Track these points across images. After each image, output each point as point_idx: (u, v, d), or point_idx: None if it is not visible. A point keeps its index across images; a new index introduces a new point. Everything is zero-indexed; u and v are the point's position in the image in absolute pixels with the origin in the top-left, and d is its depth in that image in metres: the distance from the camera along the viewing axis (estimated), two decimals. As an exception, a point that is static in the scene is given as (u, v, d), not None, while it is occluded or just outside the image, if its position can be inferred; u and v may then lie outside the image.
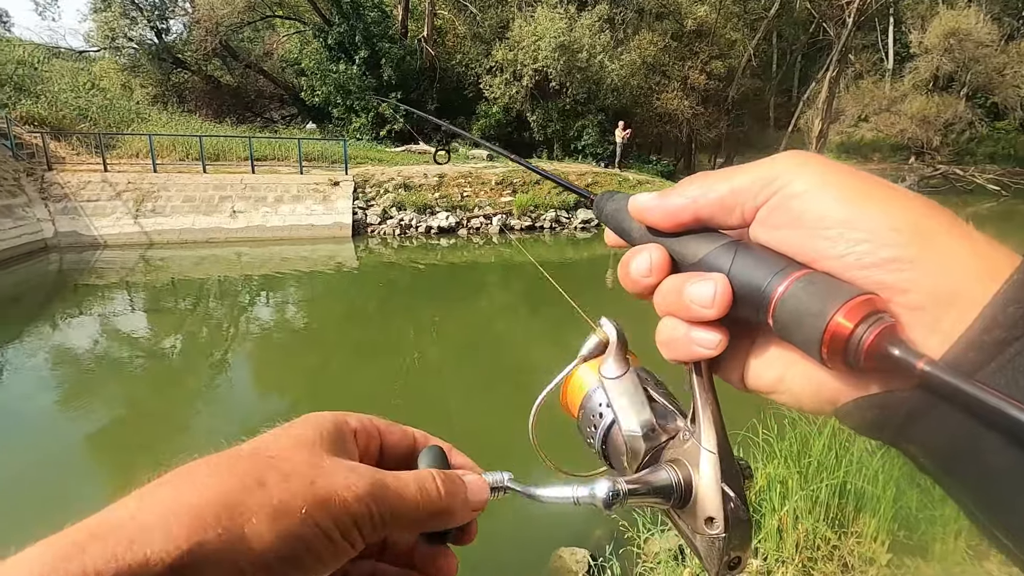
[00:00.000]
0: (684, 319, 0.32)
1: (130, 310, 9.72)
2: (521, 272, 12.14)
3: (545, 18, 19.80)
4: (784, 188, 0.29)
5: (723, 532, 0.33)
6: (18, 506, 4.22)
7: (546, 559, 3.47)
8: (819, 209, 0.28)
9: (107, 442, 5.38)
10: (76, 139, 15.22)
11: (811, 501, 2.68)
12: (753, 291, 0.29)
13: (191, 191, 13.60)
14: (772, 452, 2.95)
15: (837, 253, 0.27)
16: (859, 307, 0.25)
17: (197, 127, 18.31)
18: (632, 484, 0.35)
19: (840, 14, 21.95)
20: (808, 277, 0.28)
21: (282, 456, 0.30)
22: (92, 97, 17.96)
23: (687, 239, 0.33)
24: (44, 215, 12.34)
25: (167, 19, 22.34)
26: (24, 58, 18.32)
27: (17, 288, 10.24)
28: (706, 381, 0.34)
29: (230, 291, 10.71)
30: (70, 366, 7.13)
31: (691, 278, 0.31)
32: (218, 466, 0.29)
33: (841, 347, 0.26)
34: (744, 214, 0.31)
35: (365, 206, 14.77)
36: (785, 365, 0.31)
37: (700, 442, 0.34)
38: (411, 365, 7.57)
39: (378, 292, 11.14)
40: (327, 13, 20.78)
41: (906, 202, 0.27)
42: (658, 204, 0.34)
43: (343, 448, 0.34)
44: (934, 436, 0.25)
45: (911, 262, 0.26)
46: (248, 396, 6.69)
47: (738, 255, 0.30)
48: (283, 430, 0.33)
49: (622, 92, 22.07)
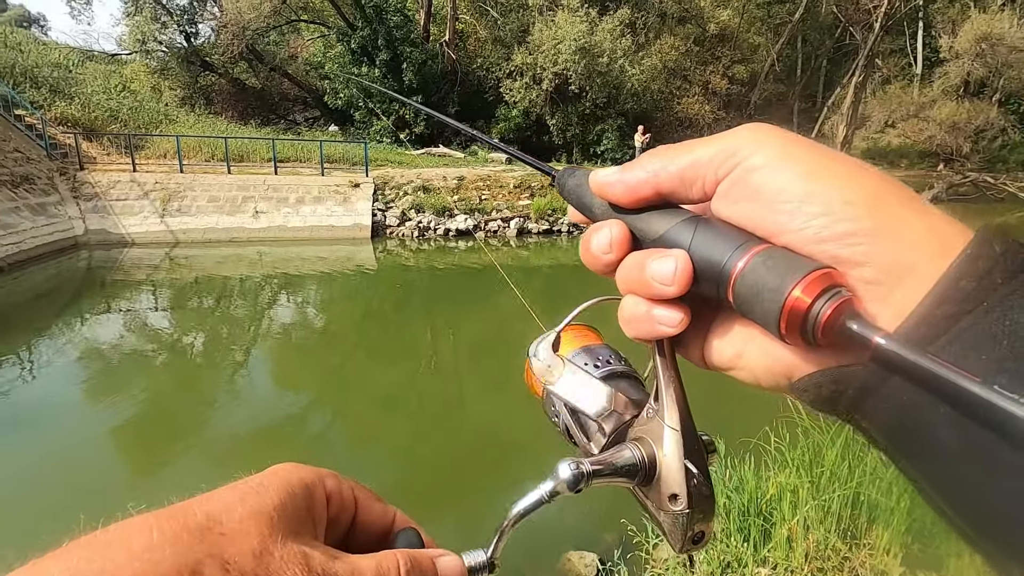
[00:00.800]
0: (645, 297, 0.32)
1: (155, 307, 9.97)
2: (538, 275, 12.16)
3: (565, 22, 19.83)
4: (744, 161, 0.29)
5: (687, 508, 0.33)
6: (44, 495, 4.37)
7: (555, 562, 3.48)
8: (777, 183, 0.28)
9: (130, 435, 5.53)
10: (107, 140, 15.66)
11: (822, 511, 2.65)
12: (713, 267, 0.29)
13: (216, 191, 13.90)
14: (784, 461, 2.92)
15: (795, 227, 0.27)
16: (817, 281, 0.25)
17: (223, 129, 18.72)
18: (596, 465, 0.34)
19: (867, 18, 21.60)
20: (767, 252, 0.27)
21: (231, 536, 0.27)
22: (123, 99, 18.48)
23: (648, 215, 0.33)
24: (75, 213, 12.72)
25: (196, 23, 22.91)
26: (59, 61, 18.95)
27: (49, 283, 10.57)
28: (669, 359, 0.35)
29: (251, 290, 10.92)
30: (97, 360, 7.34)
31: (652, 255, 0.31)
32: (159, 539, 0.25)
33: (799, 322, 0.25)
34: (705, 188, 0.31)
35: (384, 208, 14.93)
36: (744, 341, 0.31)
37: (663, 419, 0.34)
38: (427, 366, 7.63)
39: (395, 293, 11.25)
40: (351, 17, 21.10)
41: (863, 176, 0.27)
42: (619, 179, 0.33)
43: (308, 520, 0.31)
44: (886, 411, 0.25)
45: (866, 235, 0.25)
46: (267, 394, 6.81)
47: (698, 230, 0.30)
48: (245, 494, 0.29)
49: (642, 96, 22.00)
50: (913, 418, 0.24)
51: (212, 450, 5.35)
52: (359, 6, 20.18)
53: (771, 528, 2.66)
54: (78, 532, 0.25)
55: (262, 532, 0.28)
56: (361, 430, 5.97)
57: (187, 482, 4.01)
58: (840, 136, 21.46)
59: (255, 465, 1.40)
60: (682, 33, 24.24)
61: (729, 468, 2.98)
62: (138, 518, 0.26)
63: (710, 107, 24.04)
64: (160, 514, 0.27)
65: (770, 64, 25.59)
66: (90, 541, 0.25)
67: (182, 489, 1.33)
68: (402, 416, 6.08)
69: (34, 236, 11.32)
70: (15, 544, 0.44)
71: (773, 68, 26.00)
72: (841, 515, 2.67)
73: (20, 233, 11.01)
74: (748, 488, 2.78)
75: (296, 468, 0.33)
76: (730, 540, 2.68)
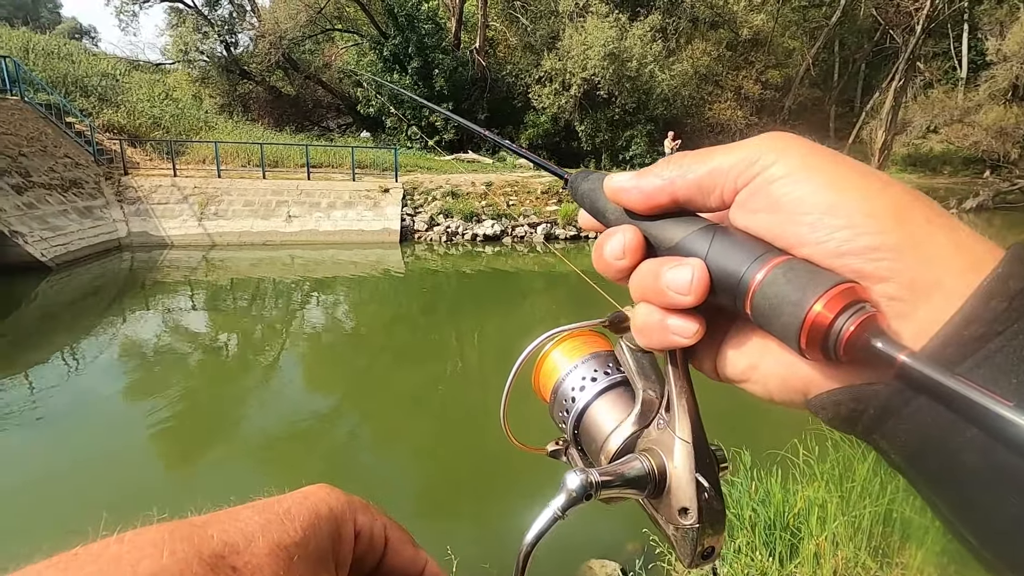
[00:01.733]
0: (660, 305, 0.31)
1: (192, 308, 10.29)
2: (564, 281, 12.12)
3: (595, 28, 19.81)
4: (764, 171, 0.28)
5: (697, 523, 0.32)
6: (85, 488, 4.55)
7: (576, 570, 3.46)
8: (799, 194, 0.27)
9: (165, 430, 5.72)
10: (150, 145, 16.27)
11: (852, 527, 2.57)
12: (730, 277, 0.28)
13: (251, 196, 14.30)
14: (812, 474, 2.85)
15: (816, 239, 0.26)
16: (840, 296, 0.24)
17: (259, 135, 19.26)
18: (605, 476, 0.34)
19: (908, 21, 20.97)
20: (787, 264, 0.27)
21: (243, 572, 0.25)
22: (166, 106, 19.19)
23: (664, 222, 0.32)
24: (119, 216, 13.25)
25: (235, 33, 23.66)
26: (108, 71, 19.78)
27: (94, 283, 11.02)
28: (681, 369, 0.34)
29: (283, 292, 11.18)
30: (136, 358, 7.61)
31: (667, 263, 0.31)
32: (169, 562, 0.23)
33: (820, 337, 0.25)
34: (723, 196, 0.30)
35: (413, 213, 15.13)
36: (759, 354, 0.30)
37: (675, 431, 0.33)
38: (453, 370, 7.69)
39: (423, 297, 11.37)
40: (383, 26, 21.50)
41: (887, 189, 0.26)
42: (634, 185, 0.32)
43: (330, 559, 0.29)
44: (908, 432, 0.24)
45: (890, 250, 0.25)
46: (296, 393, 6.95)
47: (716, 240, 0.30)
48: (269, 522, 0.28)
49: (672, 102, 21.80)
50: (936, 441, 0.23)
51: (243, 447, 5.49)
52: (392, 15, 20.56)
53: (798, 543, 2.60)
54: (92, 536, 0.24)
55: (276, 573, 0.26)
56: (387, 431, 6.04)
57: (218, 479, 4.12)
58: (879, 142, 20.84)
59: (285, 464, 1.47)
60: (714, 38, 23.95)
61: (755, 480, 2.92)
62: (155, 532, 0.25)
63: (742, 112, 23.66)
64: (176, 531, 0.25)
65: (805, 69, 25.05)
66: (101, 553, 0.23)
67: (212, 487, 1.40)
68: (427, 418, 6.14)
69: (81, 238, 11.83)
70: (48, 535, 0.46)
71: (808, 73, 25.45)
72: (872, 532, 2.59)
73: (68, 235, 11.52)
74: (774, 501, 2.72)
75: (328, 496, 0.31)
76: (755, 554, 2.63)
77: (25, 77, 14.51)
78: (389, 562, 0.34)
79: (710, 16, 24.27)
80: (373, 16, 21.75)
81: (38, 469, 4.87)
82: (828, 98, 28.99)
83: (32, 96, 14.40)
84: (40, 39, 19.53)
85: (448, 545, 3.18)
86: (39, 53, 17.60)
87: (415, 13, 20.55)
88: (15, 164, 11.60)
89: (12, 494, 4.44)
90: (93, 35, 54.20)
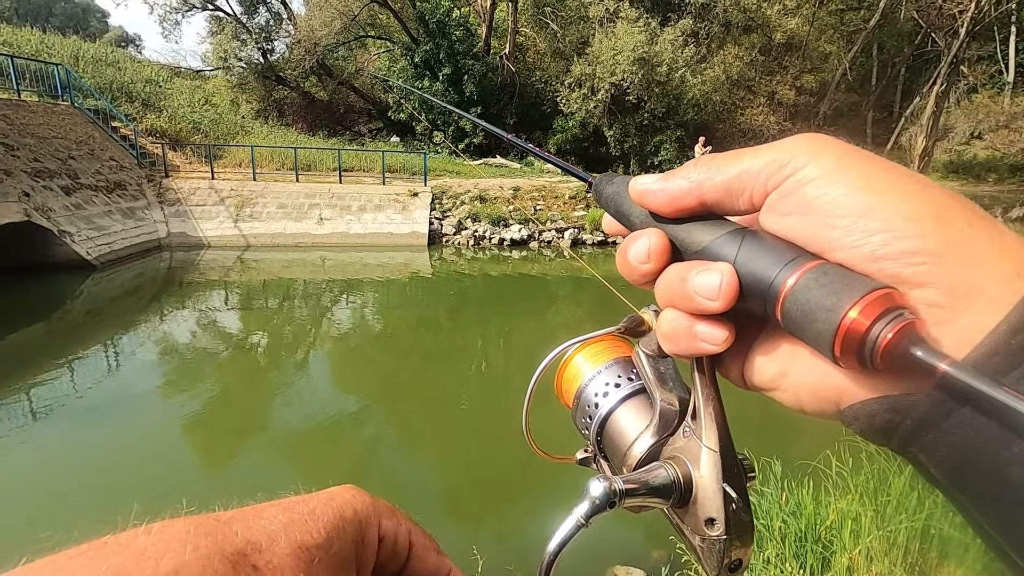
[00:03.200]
0: (687, 311, 0.30)
1: (226, 307, 10.58)
2: (590, 287, 12.07)
3: (625, 32, 19.74)
4: (796, 173, 0.27)
5: (724, 534, 0.31)
6: (118, 476, 4.72)
7: (601, 575, 3.44)
8: (833, 196, 0.26)
9: (197, 424, 5.89)
10: (190, 149, 16.83)
11: (887, 542, 2.50)
12: (761, 282, 0.27)
13: (284, 198, 14.65)
14: (846, 486, 2.78)
15: (850, 243, 0.25)
16: (877, 302, 0.23)
17: (293, 139, 19.72)
18: (629, 484, 0.33)
19: (952, 24, 20.32)
20: (820, 268, 0.26)
21: (263, 573, 0.25)
22: (205, 111, 19.81)
23: (690, 225, 0.31)
24: (160, 217, 13.73)
25: (272, 40, 24.32)
26: (151, 77, 20.52)
27: (135, 281, 11.44)
28: (708, 376, 0.33)
29: (313, 293, 11.41)
30: (172, 354, 7.87)
31: (694, 267, 0.30)
32: (192, 559, 0.24)
33: (855, 345, 0.24)
34: (753, 199, 0.29)
35: (441, 217, 15.28)
36: (789, 361, 0.29)
37: (701, 439, 0.33)
38: (478, 373, 7.73)
39: (449, 300, 11.46)
40: (415, 32, 21.82)
41: (927, 191, 0.25)
42: (661, 187, 0.32)
43: (352, 562, 0.29)
44: (949, 445, 0.23)
45: (930, 254, 0.24)
46: (324, 393, 7.09)
47: (745, 243, 0.29)
48: (293, 522, 0.28)
49: (703, 107, 21.55)
50: (980, 455, 0.22)
51: (271, 443, 5.62)
52: (423, 21, 20.85)
53: (830, 557, 2.54)
54: (122, 526, 0.25)
55: (297, 574, 0.26)
56: (413, 431, 6.11)
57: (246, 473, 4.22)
58: (919, 147, 20.21)
59: (311, 461, 1.53)
60: (747, 42, 23.60)
61: (786, 491, 2.86)
62: (180, 526, 0.25)
63: (775, 118, 23.23)
64: (201, 527, 0.25)
65: (842, 73, 24.45)
66: (128, 544, 0.24)
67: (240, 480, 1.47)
68: (452, 420, 6.18)
69: (124, 237, 12.30)
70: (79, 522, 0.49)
71: (845, 77, 24.82)
72: (908, 548, 2.51)
73: (112, 235, 11.99)
74: (806, 513, 2.67)
75: (355, 498, 0.31)
76: (785, 566, 2.58)
77: (75, 83, 15.16)
78: (412, 568, 0.33)
79: (743, 20, 23.91)
80: (405, 23, 22.09)
81: (77, 457, 5.09)
82: (866, 103, 28.24)
83: (81, 101, 15.05)
84: (89, 47, 20.38)
85: (474, 545, 3.20)
86: (88, 60, 18.36)
87: (446, 20, 20.81)
88: (65, 166, 12.13)
89: (51, 479, 4.64)
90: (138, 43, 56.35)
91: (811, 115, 24.89)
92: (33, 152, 11.58)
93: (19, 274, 10.19)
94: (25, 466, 4.95)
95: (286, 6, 24.76)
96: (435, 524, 0.75)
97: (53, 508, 4.17)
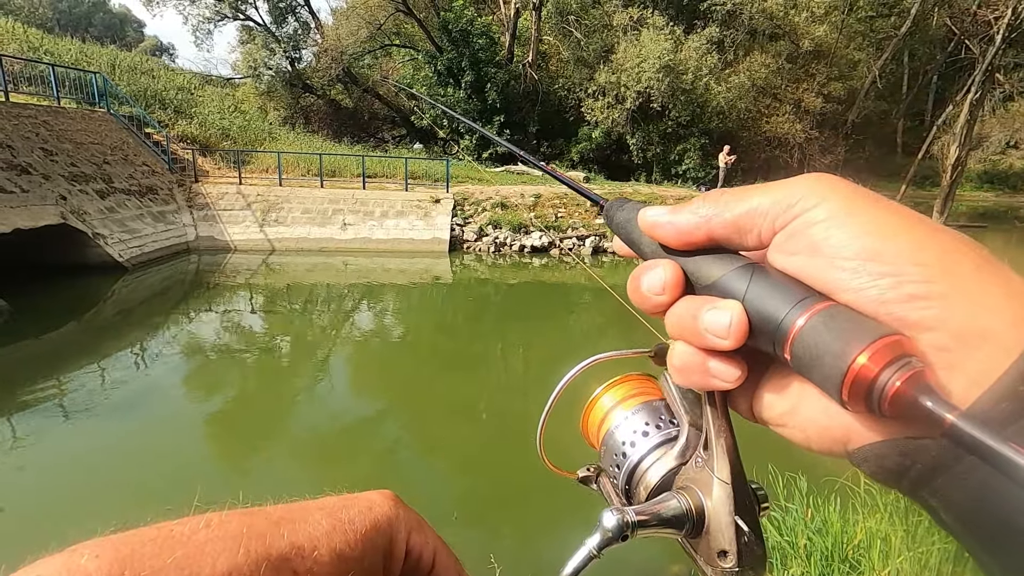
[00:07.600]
0: (698, 346, 0.30)
1: (251, 309, 10.77)
2: (610, 296, 11.99)
3: (650, 40, 19.68)
4: (804, 213, 0.27)
5: (736, 567, 0.31)
6: (146, 473, 4.81)
7: (618, 589, 3.39)
8: (840, 238, 0.26)
9: (223, 424, 5.99)
10: (218, 155, 17.23)
11: (919, 564, 2.42)
12: (769, 322, 0.27)
13: (309, 204, 14.90)
14: (875, 504, 2.70)
15: (857, 286, 0.25)
16: (886, 349, 0.23)
17: (318, 146, 20.06)
18: (642, 515, 0.33)
19: (986, 30, 19.81)
20: (830, 311, 0.25)
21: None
22: (234, 118, 20.27)
23: (701, 259, 0.31)
24: (189, 221, 14.07)
25: (300, 49, 24.84)
26: (183, 85, 21.10)
27: (164, 283, 11.72)
28: (720, 408, 0.33)
29: (335, 297, 11.55)
30: (198, 355, 8.03)
31: (706, 303, 0.30)
32: (243, 561, 0.26)
33: (864, 391, 0.23)
34: (761, 237, 0.29)
35: (463, 223, 15.36)
36: (798, 399, 0.29)
37: (713, 471, 0.33)
38: (497, 380, 7.72)
39: (469, 307, 11.49)
40: (439, 41, 22.09)
41: (934, 235, 0.25)
42: (668, 221, 0.32)
43: (381, 572, 0.31)
44: (960, 490, 0.23)
45: (938, 298, 0.23)
46: (345, 396, 7.15)
47: (754, 280, 0.28)
48: (334, 529, 0.29)
49: (728, 115, 21.35)
50: (992, 503, 0.21)
51: (293, 444, 5.68)
52: (446, 30, 21.08)
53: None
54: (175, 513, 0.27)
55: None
56: (432, 436, 6.12)
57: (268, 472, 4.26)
58: (952, 157, 19.69)
59: (333, 462, 1.53)
60: (773, 50, 23.34)
61: (811, 507, 2.79)
62: (235, 525, 0.27)
63: (802, 126, 22.89)
64: (253, 527, 0.27)
65: (871, 81, 24.03)
66: (191, 537, 0.26)
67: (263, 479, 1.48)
68: (471, 425, 6.18)
69: (155, 240, 12.62)
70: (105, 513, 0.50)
71: (874, 85, 24.39)
72: (941, 571, 2.42)
73: (143, 237, 12.31)
74: (832, 531, 2.60)
75: (391, 510, 0.33)
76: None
77: (112, 91, 15.67)
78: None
79: (769, 28, 23.68)
80: (429, 31, 22.37)
81: (104, 451, 5.21)
82: (896, 111, 27.69)
83: (117, 108, 15.53)
84: (125, 56, 21.05)
85: (491, 554, 3.18)
86: (124, 69, 18.96)
87: (469, 28, 21.01)
88: (100, 171, 12.52)
89: (82, 472, 4.75)
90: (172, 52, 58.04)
91: (839, 123, 24.49)
92: (71, 157, 11.98)
93: (54, 275, 10.52)
94: (55, 458, 5.08)
95: (314, 15, 25.30)
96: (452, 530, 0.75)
97: (85, 496, 4.27)
